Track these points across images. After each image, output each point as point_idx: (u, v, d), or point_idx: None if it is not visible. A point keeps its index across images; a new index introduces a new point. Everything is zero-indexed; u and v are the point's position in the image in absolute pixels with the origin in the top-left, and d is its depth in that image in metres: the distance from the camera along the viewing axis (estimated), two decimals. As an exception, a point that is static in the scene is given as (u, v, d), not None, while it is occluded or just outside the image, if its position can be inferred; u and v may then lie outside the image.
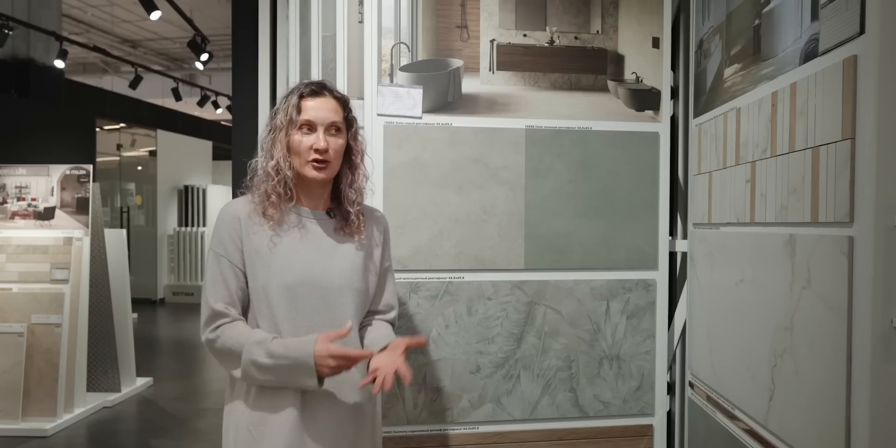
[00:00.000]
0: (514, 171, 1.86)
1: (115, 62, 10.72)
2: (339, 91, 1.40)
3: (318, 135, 1.31)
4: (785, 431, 1.33)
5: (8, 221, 3.86)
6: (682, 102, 1.92)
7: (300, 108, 1.33)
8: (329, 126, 1.33)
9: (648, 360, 1.92)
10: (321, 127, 1.32)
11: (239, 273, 1.31)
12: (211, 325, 1.29)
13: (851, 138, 1.12)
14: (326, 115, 1.33)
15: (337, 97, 1.37)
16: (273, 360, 1.23)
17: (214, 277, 1.31)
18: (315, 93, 1.35)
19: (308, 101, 1.33)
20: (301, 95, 1.34)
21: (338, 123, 1.34)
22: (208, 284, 1.32)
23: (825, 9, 1.20)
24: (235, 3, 2.34)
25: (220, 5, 8.63)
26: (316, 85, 1.36)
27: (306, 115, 1.32)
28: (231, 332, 1.27)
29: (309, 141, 1.32)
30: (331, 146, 1.32)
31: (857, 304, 1.11)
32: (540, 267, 1.87)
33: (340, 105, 1.36)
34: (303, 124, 1.32)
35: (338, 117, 1.34)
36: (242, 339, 1.26)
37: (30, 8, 7.28)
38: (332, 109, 1.34)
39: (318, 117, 1.32)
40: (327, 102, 1.34)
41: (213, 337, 1.28)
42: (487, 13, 1.86)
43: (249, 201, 1.35)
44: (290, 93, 1.36)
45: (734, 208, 1.57)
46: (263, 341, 1.25)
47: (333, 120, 1.33)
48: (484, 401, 1.86)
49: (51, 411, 3.60)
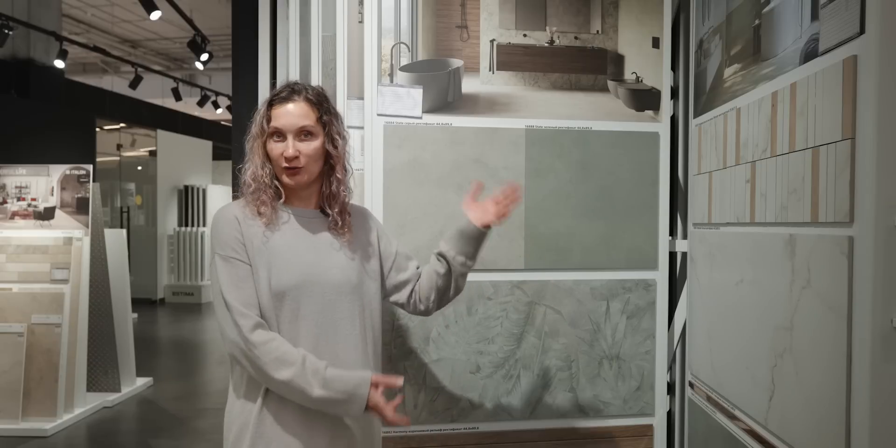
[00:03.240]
0: (514, 171, 1.86)
1: (115, 62, 10.73)
2: (315, 93, 1.37)
3: (288, 142, 1.32)
4: (785, 431, 1.33)
5: (8, 221, 3.86)
6: (682, 102, 1.92)
7: (269, 117, 1.33)
8: (298, 132, 1.32)
9: (648, 360, 1.92)
10: (290, 133, 1.32)
11: (251, 270, 1.30)
12: (246, 326, 1.25)
13: (851, 138, 1.12)
14: (294, 121, 1.32)
15: (308, 99, 1.34)
16: (327, 392, 1.24)
17: (232, 279, 1.29)
18: (284, 99, 1.33)
19: (277, 109, 1.33)
20: (270, 104, 1.34)
21: (308, 127, 1.33)
22: (229, 286, 1.28)
23: (825, 9, 1.20)
24: (235, 3, 2.34)
25: (220, 5, 8.63)
26: (286, 91, 1.35)
27: (275, 122, 1.32)
28: (275, 345, 1.25)
29: (280, 148, 1.32)
30: (302, 152, 1.32)
31: (857, 304, 1.11)
32: (540, 267, 1.87)
33: (312, 107, 1.34)
34: (273, 132, 1.32)
35: (308, 121, 1.33)
36: (290, 357, 1.24)
37: (30, 8, 7.28)
38: (301, 114, 1.32)
39: (286, 124, 1.32)
40: (296, 107, 1.33)
41: (257, 341, 1.24)
42: (487, 13, 1.86)
43: (242, 204, 1.36)
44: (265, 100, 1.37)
45: (734, 208, 1.57)
46: (317, 371, 1.25)
47: (302, 125, 1.32)
48: (484, 401, 1.86)
49: (51, 411, 3.60)
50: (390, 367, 1.78)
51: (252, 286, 1.29)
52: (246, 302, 1.27)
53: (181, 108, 10.95)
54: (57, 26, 7.67)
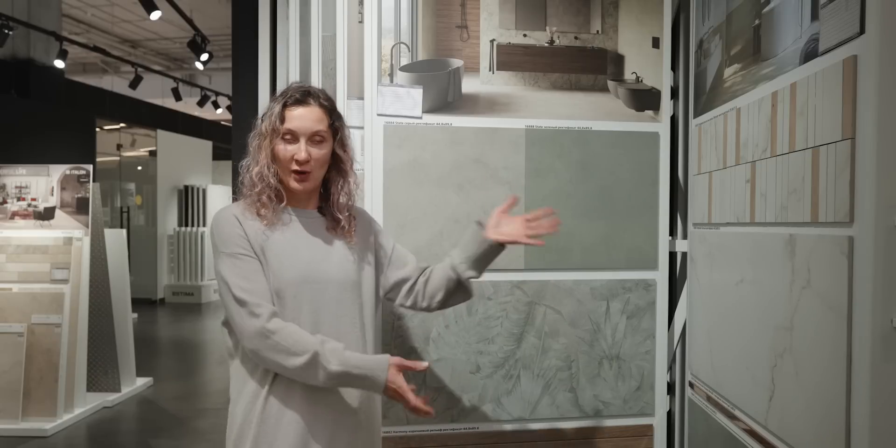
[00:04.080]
0: (514, 171, 1.86)
1: (115, 62, 10.73)
2: (326, 97, 1.38)
3: (301, 145, 1.31)
4: (785, 431, 1.33)
5: (8, 221, 3.86)
6: (682, 102, 1.92)
7: (283, 118, 1.32)
8: (312, 136, 1.32)
9: (648, 360, 1.92)
10: (303, 137, 1.31)
11: (260, 264, 1.30)
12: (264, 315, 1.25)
13: (851, 138, 1.12)
14: (309, 126, 1.32)
15: (322, 105, 1.35)
16: (344, 367, 1.25)
17: (241, 273, 1.28)
18: (299, 101, 1.33)
19: (292, 111, 1.32)
20: (285, 104, 1.33)
21: (321, 133, 1.33)
22: (238, 279, 1.27)
23: (825, 9, 1.20)
24: (235, 3, 2.34)
25: (220, 5, 8.64)
26: (301, 93, 1.34)
27: (289, 124, 1.31)
28: (289, 331, 1.25)
29: (291, 151, 1.31)
30: (312, 156, 1.32)
31: (857, 304, 1.11)
32: (540, 267, 1.87)
33: (326, 113, 1.35)
34: (285, 133, 1.32)
35: (321, 126, 1.33)
36: (307, 341, 1.25)
37: (30, 8, 7.28)
38: (316, 119, 1.33)
39: (300, 127, 1.31)
40: (311, 111, 1.33)
41: (274, 328, 1.24)
42: (487, 13, 1.86)
43: (242, 204, 1.36)
44: (276, 99, 1.35)
45: (734, 208, 1.57)
46: (335, 350, 1.26)
47: (316, 129, 1.32)
48: (484, 401, 1.86)
49: (51, 411, 3.60)
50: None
51: (263, 279, 1.29)
52: (259, 293, 1.27)
53: (181, 108, 10.95)
54: (57, 26, 7.67)
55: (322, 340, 1.27)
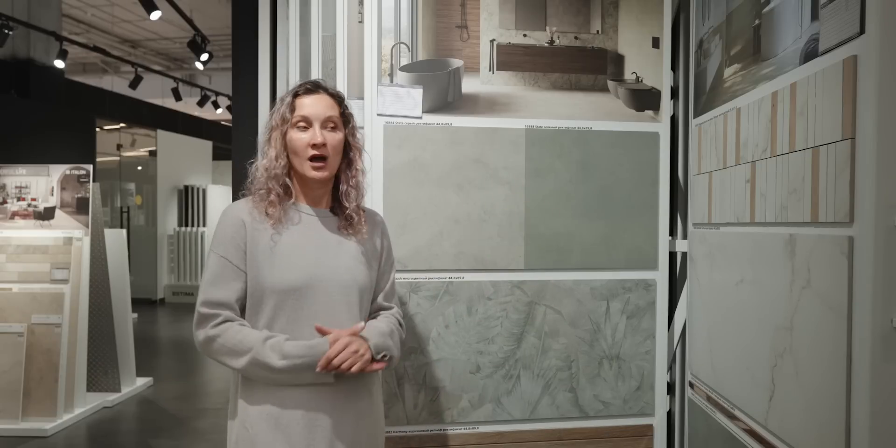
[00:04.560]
0: (514, 171, 1.86)
1: (115, 62, 10.72)
2: (335, 89, 1.41)
3: (315, 130, 1.32)
4: (785, 431, 1.33)
5: (8, 221, 3.86)
6: (682, 102, 1.92)
7: (294, 106, 1.33)
8: (325, 121, 1.34)
9: (648, 360, 1.92)
10: (317, 122, 1.33)
11: (240, 274, 1.31)
12: (209, 322, 1.28)
13: (851, 138, 1.12)
14: (322, 111, 1.33)
15: (332, 94, 1.38)
16: (288, 360, 1.23)
17: (214, 278, 1.31)
18: (309, 90, 1.36)
19: (302, 99, 1.34)
20: (296, 94, 1.35)
21: (334, 118, 1.35)
22: (207, 284, 1.31)
23: (825, 9, 1.20)
24: (235, 3, 2.34)
25: (220, 5, 8.63)
26: (311, 84, 1.38)
27: (301, 111, 1.33)
28: (233, 332, 1.27)
29: (306, 137, 1.32)
30: (328, 141, 1.33)
31: (857, 304, 1.11)
32: (540, 267, 1.87)
33: (336, 101, 1.37)
34: (299, 120, 1.33)
35: (334, 112, 1.35)
36: (249, 340, 1.25)
37: (30, 8, 7.28)
38: (328, 105, 1.35)
39: (313, 112, 1.33)
40: (322, 99, 1.35)
41: (212, 334, 1.27)
42: (487, 13, 1.86)
43: (251, 202, 1.35)
44: (286, 94, 1.38)
45: (734, 208, 1.57)
46: (276, 344, 1.24)
47: (329, 114, 1.34)
48: (484, 401, 1.86)
49: (51, 411, 3.60)
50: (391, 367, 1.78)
51: (232, 288, 1.30)
52: (218, 301, 1.29)
53: (181, 108, 10.95)
54: (57, 26, 7.66)
55: (266, 336, 1.25)
